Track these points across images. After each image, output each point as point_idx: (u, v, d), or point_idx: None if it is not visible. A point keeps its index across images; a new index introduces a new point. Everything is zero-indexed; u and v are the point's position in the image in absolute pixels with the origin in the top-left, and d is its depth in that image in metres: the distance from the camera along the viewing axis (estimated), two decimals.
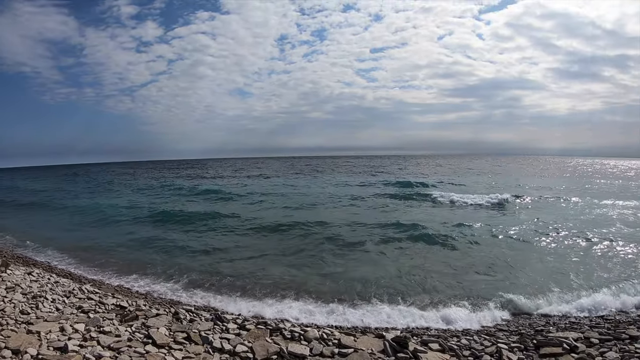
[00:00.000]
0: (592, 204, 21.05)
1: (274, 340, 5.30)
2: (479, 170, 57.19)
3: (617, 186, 34.20)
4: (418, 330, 6.36)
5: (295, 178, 41.95)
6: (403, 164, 79.59)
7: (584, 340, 5.73)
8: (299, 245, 12.19)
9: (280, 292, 8.02)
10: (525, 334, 6.11)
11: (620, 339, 5.84)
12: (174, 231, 15.09)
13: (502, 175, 44.92)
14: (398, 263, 10.34)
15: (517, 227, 14.62)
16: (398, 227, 14.28)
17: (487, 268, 9.91)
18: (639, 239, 12.53)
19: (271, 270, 9.67)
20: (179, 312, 5.98)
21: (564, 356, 5.30)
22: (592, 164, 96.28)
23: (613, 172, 59.21)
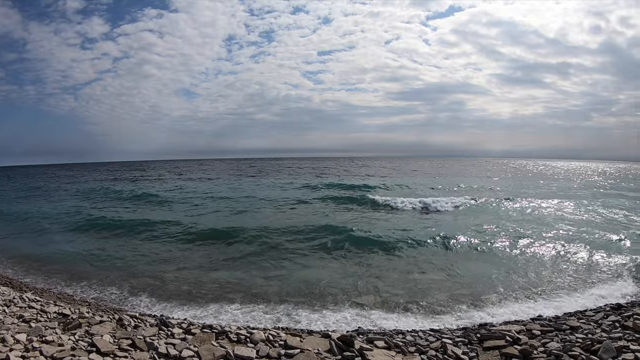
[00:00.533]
0: (532, 205, 21.71)
1: (220, 343, 5.25)
2: (423, 172, 58.38)
3: (557, 187, 35.93)
4: (364, 329, 6.40)
5: (239, 181, 41.21)
6: (349, 166, 79.79)
7: (526, 332, 5.92)
8: (242, 251, 12.00)
9: (226, 296, 7.94)
10: (469, 329, 6.27)
11: (561, 329, 6.06)
12: (113, 238, 14.54)
13: (446, 177, 45.89)
14: (341, 266, 10.40)
15: (457, 230, 14.81)
16: (339, 232, 14.14)
17: (428, 270, 10.10)
18: (580, 240, 13.27)
19: (215, 275, 9.54)
20: (123, 318, 5.85)
21: (507, 348, 5.45)
22: (535, 165, 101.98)
23: (554, 173, 62.65)
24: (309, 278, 8.98)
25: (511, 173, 61.28)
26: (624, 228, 16.06)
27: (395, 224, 16.19)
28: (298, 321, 6.87)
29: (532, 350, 5.44)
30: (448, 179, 42.79)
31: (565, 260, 11.01)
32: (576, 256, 11.37)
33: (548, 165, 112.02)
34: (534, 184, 38.64)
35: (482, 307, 7.55)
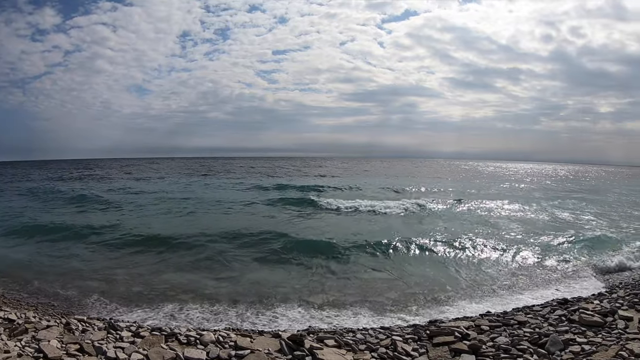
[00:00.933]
0: (482, 206, 22.33)
1: (169, 346, 5.23)
2: (375, 172, 59.24)
3: (507, 188, 37.54)
4: (314, 328, 6.46)
5: (189, 181, 40.00)
6: (301, 166, 79.89)
7: (475, 327, 6.08)
8: (191, 254, 11.68)
9: (176, 298, 7.86)
10: (418, 326, 6.40)
11: (509, 324, 6.25)
12: (55, 242, 13.65)
13: (398, 178, 46.70)
14: (291, 268, 10.39)
15: (407, 232, 15.02)
16: (288, 235, 13.91)
17: (378, 271, 10.22)
18: (528, 239, 13.94)
19: (165, 277, 9.37)
20: (71, 322, 5.75)
21: (456, 343, 5.59)
22: (486, 167, 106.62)
23: (504, 174, 65.41)
24: (259, 279, 9.00)
25: (462, 174, 63.62)
26: (571, 227, 16.94)
27: (344, 227, 16.25)
28: (249, 321, 6.88)
29: (480, 345, 5.59)
30: (400, 179, 43.55)
31: (513, 260, 11.46)
32: (524, 255, 11.86)
33: (498, 166, 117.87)
34: (484, 185, 40.17)
35: (432, 305, 7.76)
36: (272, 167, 72.15)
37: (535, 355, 5.42)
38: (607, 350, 5.46)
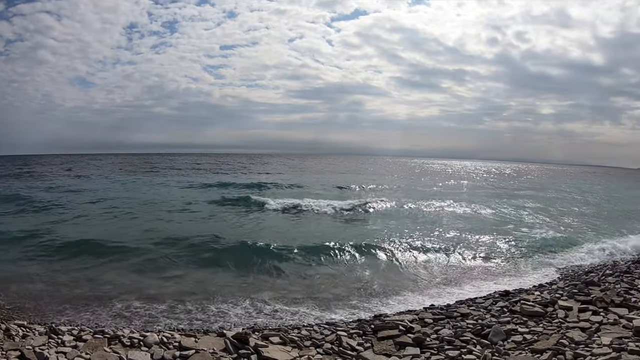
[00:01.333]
0: (427, 203, 22.77)
1: (112, 349, 5.21)
2: (321, 170, 59.82)
3: (452, 185, 39.17)
4: (259, 326, 6.53)
5: (131, 178, 38.35)
6: (247, 162, 79.41)
7: (419, 321, 6.29)
8: (134, 255, 11.16)
9: (118, 299, 7.67)
10: (363, 320, 6.57)
11: (453, 317, 6.49)
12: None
13: (344, 175, 47.48)
14: (235, 268, 10.24)
15: (352, 230, 15.36)
16: (230, 234, 13.83)
17: (322, 268, 10.33)
18: (471, 235, 14.52)
19: (107, 279, 9.05)
20: (11, 328, 5.63)
21: (401, 337, 5.76)
22: (431, 164, 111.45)
23: (449, 172, 67.57)
24: (203, 279, 8.91)
25: (408, 172, 65.38)
26: (514, 224, 17.72)
27: (287, 226, 16.23)
28: (194, 321, 6.86)
29: (424, 337, 5.80)
30: (346, 177, 44.23)
31: (457, 256, 11.82)
32: (468, 252, 12.28)
33: (444, 164, 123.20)
34: (429, 183, 41.67)
35: (377, 300, 7.94)
36: (217, 163, 70.65)
37: (478, 345, 5.64)
38: (548, 338, 5.73)
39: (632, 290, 7.64)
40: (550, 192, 36.02)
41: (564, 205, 25.93)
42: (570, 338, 5.53)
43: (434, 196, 26.77)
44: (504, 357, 5.10)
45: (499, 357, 5.09)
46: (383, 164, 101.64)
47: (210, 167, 57.60)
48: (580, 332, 5.76)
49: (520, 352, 5.34)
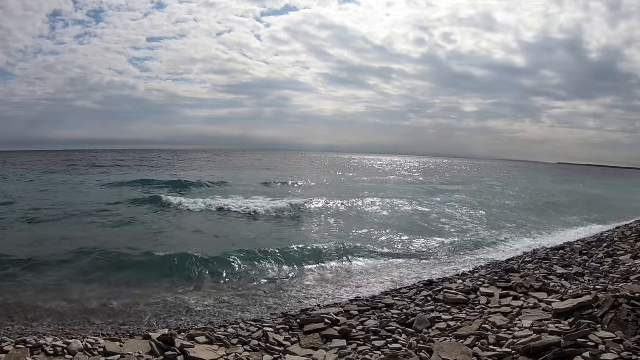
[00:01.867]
0: (351, 200, 23.09)
1: (35, 359, 5.21)
2: (248, 166, 59.85)
3: (378, 180, 40.90)
4: (185, 327, 6.66)
5: (47, 177, 35.46)
6: (172, 159, 77.57)
7: (344, 313, 6.61)
8: (50, 261, 10.56)
9: (39, 306, 7.55)
10: (289, 315, 6.84)
11: (378, 307, 6.84)
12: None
13: (270, 171, 47.70)
14: (156, 270, 9.99)
15: (276, 228, 15.56)
16: (151, 237, 13.75)
17: (245, 267, 10.34)
18: (393, 228, 15.33)
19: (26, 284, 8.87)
20: None
21: (327, 330, 6.05)
22: (357, 159, 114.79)
23: (374, 167, 69.28)
24: (128, 284, 8.84)
25: (335, 167, 67.10)
26: (438, 217, 18.74)
27: (212, 228, 15.88)
28: (119, 325, 6.84)
29: (351, 329, 6.10)
30: (273, 173, 44.27)
31: (383, 250, 12.31)
32: (391, 244, 13.01)
33: (370, 159, 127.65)
34: (357, 178, 42.58)
35: (303, 295, 8.20)
36: (141, 160, 68.13)
37: (404, 334, 6.00)
38: (471, 324, 6.14)
39: (551, 275, 8.27)
40: (475, 186, 38.65)
41: (491, 199, 27.68)
42: (492, 323, 5.93)
43: (362, 192, 27.39)
44: (428, 344, 5.36)
45: (424, 345, 5.36)
46: (310, 159, 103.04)
47: (134, 164, 55.52)
48: (502, 317, 6.19)
49: (444, 338, 5.67)
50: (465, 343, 5.30)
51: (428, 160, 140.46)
